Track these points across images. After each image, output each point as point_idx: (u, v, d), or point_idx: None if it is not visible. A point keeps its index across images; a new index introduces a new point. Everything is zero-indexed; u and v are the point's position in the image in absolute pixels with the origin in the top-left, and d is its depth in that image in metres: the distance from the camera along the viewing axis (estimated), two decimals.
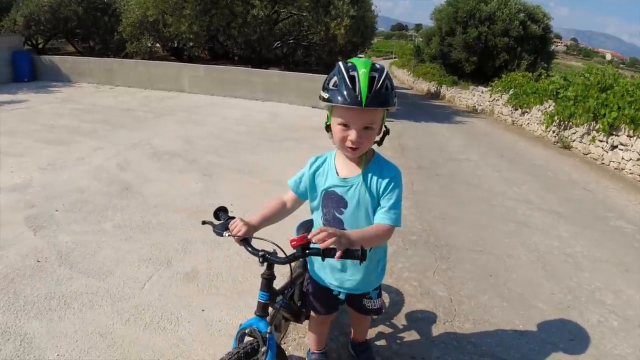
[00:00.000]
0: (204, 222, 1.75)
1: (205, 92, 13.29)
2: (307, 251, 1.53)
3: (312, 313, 2.15)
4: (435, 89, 28.66)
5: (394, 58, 61.66)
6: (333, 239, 1.41)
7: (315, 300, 2.07)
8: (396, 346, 2.63)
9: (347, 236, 1.51)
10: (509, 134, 12.64)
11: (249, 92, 13.12)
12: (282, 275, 3.10)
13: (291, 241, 1.51)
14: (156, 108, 10.32)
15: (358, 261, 1.43)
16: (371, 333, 2.67)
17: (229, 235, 1.63)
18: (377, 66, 1.58)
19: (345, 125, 1.59)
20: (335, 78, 1.56)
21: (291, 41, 19.60)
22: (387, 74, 1.56)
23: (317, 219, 1.88)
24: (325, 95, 1.57)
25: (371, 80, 1.50)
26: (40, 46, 18.98)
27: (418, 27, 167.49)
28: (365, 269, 1.88)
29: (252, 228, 1.67)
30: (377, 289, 2.07)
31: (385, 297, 3.11)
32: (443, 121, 14.41)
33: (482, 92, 19.12)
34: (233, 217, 1.71)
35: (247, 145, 7.18)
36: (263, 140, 7.72)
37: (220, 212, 1.78)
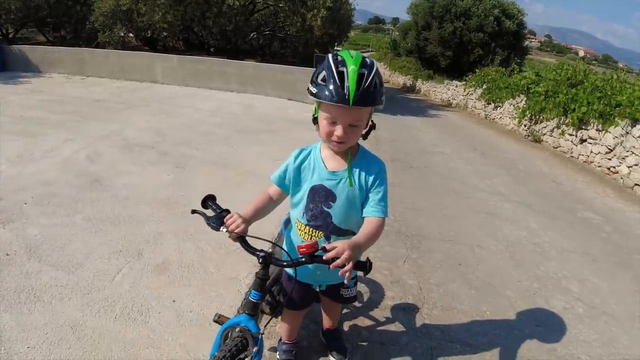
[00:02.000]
0: (194, 212, 1.67)
1: (178, 83, 13.06)
2: (314, 258, 1.46)
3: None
4: (411, 82, 28.87)
5: (371, 51, 61.69)
6: (349, 263, 1.38)
7: (293, 297, 2.04)
8: (366, 333, 2.67)
9: (357, 245, 1.49)
10: (482, 127, 12.86)
11: (224, 84, 12.95)
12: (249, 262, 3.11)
13: (299, 247, 1.45)
14: (128, 99, 10.12)
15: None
16: (342, 321, 2.70)
17: (225, 231, 1.57)
18: (367, 62, 1.54)
19: (332, 121, 1.59)
20: (324, 72, 1.54)
21: (267, 32, 19.51)
22: (376, 70, 1.54)
23: (298, 215, 1.83)
24: (314, 89, 1.56)
25: (360, 78, 1.48)
26: (10, 36, 18.37)
27: (395, 21, 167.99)
28: None
29: (247, 224, 1.63)
30: (355, 277, 2.10)
31: (357, 286, 3.14)
32: (418, 114, 14.56)
33: (457, 86, 19.36)
34: (227, 210, 1.65)
35: (221, 137, 7.12)
36: (237, 132, 7.66)
37: (209, 201, 1.69)
